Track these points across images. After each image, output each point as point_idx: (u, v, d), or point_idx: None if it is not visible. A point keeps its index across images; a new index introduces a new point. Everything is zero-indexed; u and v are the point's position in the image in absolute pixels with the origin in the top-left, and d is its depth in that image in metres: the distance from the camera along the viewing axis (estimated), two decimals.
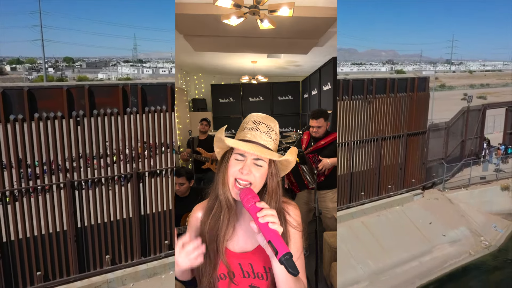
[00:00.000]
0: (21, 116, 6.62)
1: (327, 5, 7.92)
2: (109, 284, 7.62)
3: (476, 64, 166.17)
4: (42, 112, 6.79)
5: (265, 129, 2.12)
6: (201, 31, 9.24)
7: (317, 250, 5.44)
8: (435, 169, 13.38)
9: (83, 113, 7.15)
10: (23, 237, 6.92)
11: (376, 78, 11.23)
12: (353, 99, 10.73)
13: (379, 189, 11.82)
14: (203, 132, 8.53)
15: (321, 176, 6.08)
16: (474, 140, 14.65)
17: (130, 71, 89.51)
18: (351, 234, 10.60)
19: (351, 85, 10.60)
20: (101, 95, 7.31)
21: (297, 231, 2.18)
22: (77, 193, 7.33)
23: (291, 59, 13.77)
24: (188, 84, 17.72)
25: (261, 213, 1.86)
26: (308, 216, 6.37)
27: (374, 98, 11.15)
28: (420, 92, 12.26)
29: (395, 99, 11.62)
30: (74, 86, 7.07)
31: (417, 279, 10.10)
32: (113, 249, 7.81)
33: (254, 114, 2.21)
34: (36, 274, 7.08)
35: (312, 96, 15.34)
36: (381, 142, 11.50)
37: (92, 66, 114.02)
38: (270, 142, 2.12)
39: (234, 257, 2.12)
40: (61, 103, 6.95)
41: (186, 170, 5.74)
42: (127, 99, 7.57)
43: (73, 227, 7.33)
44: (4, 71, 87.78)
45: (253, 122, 2.15)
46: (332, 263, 5.80)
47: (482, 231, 12.29)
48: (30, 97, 6.66)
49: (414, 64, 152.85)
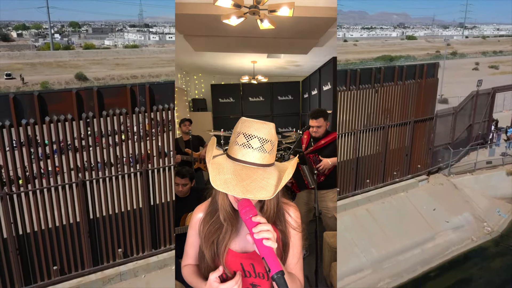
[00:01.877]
0: (33, 120, 6.76)
1: (327, 5, 7.83)
2: (122, 276, 7.99)
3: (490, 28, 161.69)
4: (52, 115, 6.92)
5: (257, 144, 1.95)
6: (201, 31, 9.18)
7: (317, 250, 5.49)
8: (441, 154, 13.41)
9: (92, 114, 7.27)
10: (39, 234, 7.22)
11: (384, 66, 11.12)
12: (361, 89, 10.69)
13: (384, 176, 11.95)
14: (186, 133, 8.48)
15: (321, 176, 6.13)
16: (482, 124, 14.57)
17: (137, 37, 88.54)
18: (356, 222, 10.84)
19: (358, 75, 10.52)
20: (109, 96, 7.38)
21: (297, 232, 2.19)
22: (89, 189, 7.57)
23: (291, 59, 13.68)
24: (188, 84, 17.67)
25: (256, 228, 1.83)
26: (308, 216, 6.46)
27: (382, 86, 11.09)
28: (429, 78, 12.13)
29: (403, 86, 11.54)
30: (83, 88, 7.16)
31: (419, 266, 10.40)
32: (125, 243, 8.12)
33: (245, 122, 2.03)
34: (53, 268, 7.44)
35: (312, 96, 15.28)
36: (388, 130, 11.53)
37: (98, 31, 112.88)
38: (265, 157, 1.97)
39: (236, 257, 2.13)
40: (71, 106, 7.05)
41: (188, 170, 5.74)
42: (135, 98, 7.65)
43: (86, 223, 7.62)
44: (10, 37, 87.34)
45: (244, 137, 1.97)
46: (332, 263, 5.92)
47: (485, 217, 12.46)
48: (40, 101, 6.77)
49: (426, 29, 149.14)
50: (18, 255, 7.12)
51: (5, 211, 6.82)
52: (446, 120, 13.20)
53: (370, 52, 67.02)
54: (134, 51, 61.36)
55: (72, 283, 7.58)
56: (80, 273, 7.72)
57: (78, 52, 59.16)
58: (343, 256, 9.85)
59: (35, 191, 7.02)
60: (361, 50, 69.50)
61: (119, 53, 59.81)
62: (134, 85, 7.61)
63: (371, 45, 76.36)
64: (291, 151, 5.65)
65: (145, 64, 52.97)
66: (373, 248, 10.39)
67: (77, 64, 51.85)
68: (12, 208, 6.89)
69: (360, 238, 10.50)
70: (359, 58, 62.29)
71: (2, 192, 6.73)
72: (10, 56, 53.08)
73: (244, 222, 1.89)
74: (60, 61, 52.72)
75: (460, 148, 13.86)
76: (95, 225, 7.78)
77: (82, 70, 46.82)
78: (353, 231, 10.59)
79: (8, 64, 48.37)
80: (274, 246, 1.81)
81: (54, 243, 7.42)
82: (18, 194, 6.91)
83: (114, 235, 7.98)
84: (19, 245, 7.11)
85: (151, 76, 45.74)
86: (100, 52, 59.63)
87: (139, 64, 53.43)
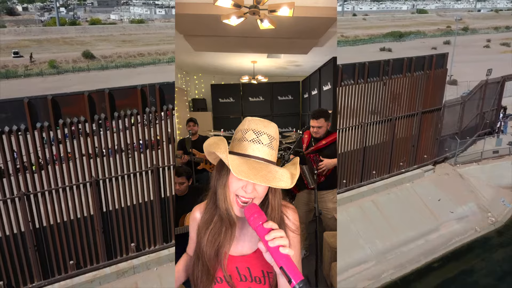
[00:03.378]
0: (47, 123, 6.93)
1: (327, 5, 7.81)
2: (135, 269, 8.32)
3: (503, 1, 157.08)
4: (66, 118, 7.09)
5: (267, 140, 1.97)
6: (201, 31, 9.18)
7: (317, 250, 5.45)
8: (448, 143, 13.46)
9: (104, 116, 7.42)
10: (55, 231, 7.52)
11: (393, 59, 11.08)
12: (369, 82, 10.69)
13: (391, 167, 12.08)
14: (193, 133, 8.32)
15: (321, 177, 6.17)
16: (490, 112, 14.54)
17: (143, 11, 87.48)
18: (361, 214, 11.05)
19: (367, 68, 10.51)
20: (120, 97, 7.52)
21: (295, 234, 2.11)
22: (102, 188, 7.81)
23: (291, 59, 13.63)
24: (188, 84, 17.61)
25: (269, 236, 1.74)
26: (308, 216, 6.54)
27: (390, 79, 11.07)
28: (438, 69, 12.07)
29: (411, 78, 11.51)
30: (94, 91, 7.28)
31: (422, 257, 10.65)
32: (137, 237, 8.42)
33: (252, 120, 2.04)
34: (69, 262, 7.78)
35: (312, 96, 15.24)
36: (395, 122, 11.58)
37: (104, 4, 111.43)
38: (273, 154, 1.99)
39: (231, 260, 2.08)
40: (84, 108, 7.21)
41: (185, 169, 5.86)
42: (146, 99, 7.78)
43: (100, 220, 7.90)
44: (16, 11, 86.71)
45: (253, 133, 1.97)
46: (332, 263, 6.01)
47: (490, 207, 12.61)
48: (54, 105, 6.92)
49: (438, 1, 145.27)
50: (36, 251, 7.44)
51: (23, 211, 7.10)
52: (454, 110, 13.19)
53: (380, 27, 65.71)
54: (140, 27, 60.70)
55: (88, 277, 7.92)
56: (95, 266, 8.06)
57: (84, 28, 58.65)
58: (348, 247, 10.13)
59: (51, 191, 7.27)
60: (370, 25, 68.15)
61: (125, 29, 59.23)
62: (145, 86, 7.72)
63: (381, 19, 74.74)
64: (291, 151, 5.71)
65: (151, 40, 52.57)
66: (377, 240, 10.63)
67: (83, 40, 51.58)
68: (30, 207, 7.17)
69: (365, 229, 10.73)
70: (368, 34, 61.21)
71: (20, 193, 6.99)
72: (16, 32, 52.82)
73: (253, 229, 1.81)
74: (66, 38, 52.43)
75: (467, 137, 13.88)
76: (108, 221, 8.06)
77: (89, 47, 46.60)
78: (359, 222, 10.81)
79: (15, 41, 48.26)
80: (291, 253, 1.72)
81: (70, 239, 7.72)
82: (35, 194, 7.16)
83: (127, 230, 8.27)
84: (37, 242, 7.42)
85: (158, 53, 45.48)
86: (106, 28, 59.06)
87: (145, 40, 53.04)
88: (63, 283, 7.72)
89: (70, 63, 40.87)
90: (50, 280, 7.65)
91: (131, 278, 8.25)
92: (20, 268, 7.37)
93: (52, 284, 7.64)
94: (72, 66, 39.41)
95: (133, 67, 40.14)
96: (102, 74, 36.39)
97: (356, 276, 9.81)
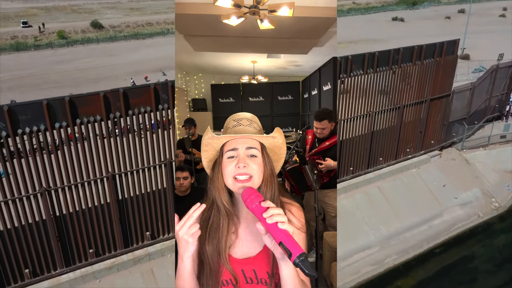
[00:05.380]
0: (65, 123, 7.23)
1: (327, 5, 7.82)
2: (150, 256, 8.81)
3: None
4: (83, 118, 7.37)
5: (247, 122, 2.16)
6: (201, 31, 9.19)
7: (317, 250, 5.45)
8: (455, 128, 13.53)
9: (119, 114, 7.69)
10: (75, 222, 7.97)
11: (402, 48, 11.05)
12: (378, 71, 10.75)
13: (397, 153, 12.28)
14: (192, 134, 8.43)
15: (325, 178, 6.16)
16: (500, 97, 14.50)
17: None
18: (366, 200, 11.36)
19: (376, 58, 10.54)
20: (134, 96, 7.75)
21: (300, 231, 2.11)
22: (118, 182, 8.19)
23: (291, 59, 13.58)
24: (188, 84, 17.59)
25: (267, 213, 1.75)
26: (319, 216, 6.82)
27: (399, 68, 11.10)
28: (448, 55, 12.03)
29: (421, 66, 11.52)
30: (109, 91, 7.51)
31: (424, 243, 11.03)
32: (152, 226, 8.87)
33: (233, 114, 2.24)
34: (89, 251, 8.27)
35: (312, 96, 15.22)
36: (403, 109, 11.68)
37: None
38: (254, 131, 2.15)
39: (237, 263, 2.08)
40: (99, 108, 7.47)
41: (187, 165, 5.90)
42: (159, 97, 8.00)
43: (117, 211, 8.32)
44: None
45: (234, 121, 2.18)
46: (332, 263, 6.10)
47: (494, 192, 12.82)
48: (71, 105, 7.19)
49: None
50: (59, 241, 7.93)
51: (45, 205, 7.53)
52: (463, 96, 13.20)
53: None
54: None
55: (107, 264, 8.44)
56: (113, 254, 8.56)
57: None
58: (353, 234, 10.54)
59: (70, 186, 7.67)
60: None
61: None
62: (158, 84, 7.93)
63: None
64: (291, 151, 5.83)
65: (159, 8, 51.90)
66: (382, 226, 11.00)
67: (91, 8, 51.13)
68: (51, 201, 7.59)
69: (370, 215, 11.07)
70: (380, 0, 59.67)
71: (42, 189, 7.39)
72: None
73: (251, 211, 1.82)
74: (74, 5, 51.97)
75: (476, 122, 13.93)
76: (125, 211, 8.48)
77: (97, 16, 46.27)
78: (364, 209, 11.14)
79: (24, 9, 48.07)
80: (290, 229, 1.73)
81: (89, 229, 8.19)
82: (56, 189, 7.56)
83: (142, 219, 8.71)
84: (59, 233, 7.90)
85: (166, 23, 45.02)
86: None
87: (153, 8, 52.40)
88: (83, 270, 8.24)
89: (79, 33, 40.74)
90: (72, 267, 8.18)
91: (147, 264, 8.75)
92: (44, 257, 7.88)
93: (73, 271, 8.17)
94: (81, 36, 39.28)
95: (142, 38, 39.89)
96: (111, 46, 36.29)
97: (360, 261, 10.25)
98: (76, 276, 8.12)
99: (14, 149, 6.94)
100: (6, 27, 39.97)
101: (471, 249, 11.07)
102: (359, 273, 10.03)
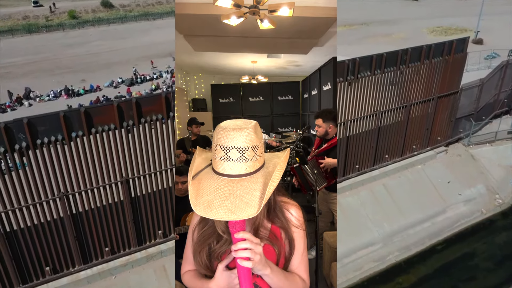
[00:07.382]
0: (81, 132, 7.58)
1: (327, 5, 7.84)
2: (162, 253, 9.29)
3: None
4: (98, 127, 7.71)
5: (236, 155, 1.85)
6: (201, 31, 9.21)
7: (317, 250, 5.56)
8: (462, 124, 13.61)
9: (132, 122, 8.01)
10: (92, 222, 8.43)
11: (411, 48, 11.09)
12: (385, 72, 10.84)
13: (404, 150, 12.46)
14: (194, 134, 8.54)
15: (331, 180, 6.29)
16: (509, 91, 14.47)
17: None
18: (371, 197, 11.64)
19: (384, 59, 10.62)
20: (147, 105, 8.05)
21: (299, 230, 2.15)
22: (132, 185, 8.58)
23: (291, 59, 13.52)
24: (188, 84, 17.59)
25: (235, 246, 1.78)
26: (329, 216, 6.94)
27: (407, 67, 11.17)
28: (457, 53, 12.02)
29: (429, 65, 11.56)
30: (123, 101, 7.81)
31: (427, 240, 11.35)
32: (164, 225, 9.31)
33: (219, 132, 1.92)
34: (105, 249, 8.76)
35: (312, 96, 15.19)
36: (410, 108, 11.80)
37: None
38: (249, 166, 1.88)
39: None
40: (113, 117, 7.79)
41: (186, 169, 5.95)
42: (169, 104, 8.28)
43: (130, 212, 8.75)
44: None
45: (221, 149, 1.87)
46: (332, 263, 6.30)
47: (498, 188, 12.99)
48: (86, 116, 7.52)
49: None
50: (76, 240, 8.41)
51: (63, 207, 7.97)
52: (471, 92, 13.22)
53: None
54: None
55: (122, 261, 8.93)
56: (127, 252, 9.04)
57: None
58: (357, 231, 10.89)
59: (87, 190, 8.08)
60: None
61: None
62: (168, 93, 8.20)
63: None
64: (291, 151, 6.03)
65: None
66: (385, 223, 11.31)
67: None
68: (69, 204, 8.03)
69: (375, 213, 11.37)
70: None
71: (60, 194, 7.82)
72: None
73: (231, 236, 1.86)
74: None
75: (483, 117, 13.98)
76: (138, 212, 8.91)
77: None
78: (368, 206, 11.44)
79: None
80: (248, 266, 1.77)
81: (105, 229, 8.65)
82: (73, 194, 7.99)
83: (154, 219, 9.14)
84: (77, 233, 8.37)
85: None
86: None
87: None
88: (100, 267, 8.75)
89: (89, 12, 40.73)
90: (89, 264, 8.69)
91: (159, 261, 9.23)
92: (63, 255, 8.38)
93: (90, 268, 8.69)
94: (92, 17, 39.29)
95: (152, 19, 39.76)
96: (121, 28, 36.33)
97: (363, 258, 10.64)
98: (93, 272, 8.64)
99: (33, 158, 7.32)
100: (17, 7, 40.10)
101: (472, 246, 11.36)
102: (362, 269, 10.43)
